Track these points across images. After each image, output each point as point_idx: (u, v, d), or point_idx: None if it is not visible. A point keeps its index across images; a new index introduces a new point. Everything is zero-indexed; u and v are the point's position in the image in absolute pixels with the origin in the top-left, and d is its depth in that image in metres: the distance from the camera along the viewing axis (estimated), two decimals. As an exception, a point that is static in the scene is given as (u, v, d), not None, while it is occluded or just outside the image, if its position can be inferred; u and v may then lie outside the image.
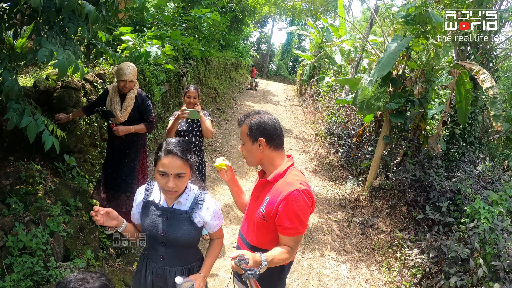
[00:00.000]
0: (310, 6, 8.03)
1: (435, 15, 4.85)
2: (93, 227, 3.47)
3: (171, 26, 7.80)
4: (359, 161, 6.90)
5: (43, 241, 2.81)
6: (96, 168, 4.36)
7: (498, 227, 3.90)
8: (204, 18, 8.25)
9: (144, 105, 3.64)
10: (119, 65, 3.52)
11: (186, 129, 3.93)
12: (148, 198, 1.93)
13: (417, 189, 5.22)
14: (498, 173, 6.74)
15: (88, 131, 4.17)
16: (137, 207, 1.97)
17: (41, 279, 2.65)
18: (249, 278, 1.51)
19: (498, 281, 3.50)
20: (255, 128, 1.86)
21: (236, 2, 13.83)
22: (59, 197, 3.32)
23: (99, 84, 4.37)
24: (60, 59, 2.34)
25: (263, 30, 32.89)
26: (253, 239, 1.95)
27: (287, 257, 1.80)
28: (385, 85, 5.49)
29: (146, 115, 3.68)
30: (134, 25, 6.72)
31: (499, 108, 4.80)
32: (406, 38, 5.06)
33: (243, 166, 7.26)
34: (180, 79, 8.35)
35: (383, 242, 4.92)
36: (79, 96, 3.89)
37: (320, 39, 15.73)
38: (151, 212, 1.90)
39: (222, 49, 15.70)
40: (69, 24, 2.62)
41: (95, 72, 4.46)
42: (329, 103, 11.55)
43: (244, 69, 23.16)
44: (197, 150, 4.02)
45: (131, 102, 3.55)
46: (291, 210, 1.73)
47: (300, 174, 1.89)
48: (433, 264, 4.01)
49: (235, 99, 14.56)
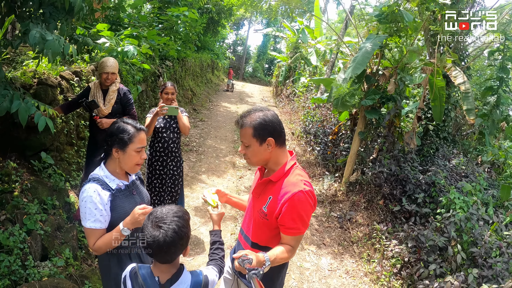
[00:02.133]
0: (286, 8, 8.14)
1: (406, 14, 5.03)
2: (70, 226, 3.41)
3: (147, 26, 7.73)
4: (336, 158, 7.03)
5: (20, 240, 2.75)
6: (73, 167, 4.28)
7: (473, 216, 4.06)
8: (181, 18, 8.22)
9: (126, 98, 3.66)
10: (101, 59, 3.53)
11: (164, 126, 3.93)
12: (112, 190, 1.87)
13: (393, 182, 5.37)
14: (471, 167, 7.01)
15: (64, 129, 4.09)
16: (105, 207, 1.82)
17: (19, 279, 2.59)
18: (252, 278, 1.51)
19: (477, 267, 3.64)
20: (261, 128, 1.76)
21: (213, 4, 13.84)
22: (36, 196, 3.25)
23: (76, 81, 4.30)
24: (50, 39, 2.32)
25: (239, 32, 32.96)
26: (254, 236, 1.94)
27: (288, 256, 1.80)
28: (359, 82, 5.64)
29: (128, 108, 3.69)
30: (110, 25, 6.63)
31: (471, 102, 5.01)
32: (380, 37, 5.22)
33: (220, 165, 7.28)
34: (156, 80, 8.28)
35: (362, 234, 5.04)
36: (55, 93, 3.81)
37: (295, 39, 15.93)
38: (122, 198, 1.90)
39: (198, 50, 15.64)
40: (50, 20, 2.59)
41: (71, 69, 4.38)
42: (305, 103, 11.71)
43: (220, 71, 23.15)
44: (175, 147, 4.02)
45: (113, 95, 3.55)
46: (295, 211, 1.73)
47: (304, 173, 1.87)
48: (411, 254, 4.14)
49: (211, 100, 14.53)
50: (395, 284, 4.08)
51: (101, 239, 1.81)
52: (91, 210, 1.76)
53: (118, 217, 1.85)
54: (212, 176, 6.56)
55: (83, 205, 1.77)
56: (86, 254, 3.42)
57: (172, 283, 1.53)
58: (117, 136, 1.85)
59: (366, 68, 5.44)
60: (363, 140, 6.20)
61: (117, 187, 1.89)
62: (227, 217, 5.13)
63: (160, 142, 3.95)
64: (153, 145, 4.03)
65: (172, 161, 4.05)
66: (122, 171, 1.94)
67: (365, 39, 5.53)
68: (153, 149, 4.03)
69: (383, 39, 5.27)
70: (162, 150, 3.98)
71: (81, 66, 4.69)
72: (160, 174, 4.05)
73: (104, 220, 1.81)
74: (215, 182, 6.34)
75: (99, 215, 1.78)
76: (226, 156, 7.96)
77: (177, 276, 1.55)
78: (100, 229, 1.80)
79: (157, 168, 4.04)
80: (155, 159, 4.03)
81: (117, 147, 1.85)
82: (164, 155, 4.00)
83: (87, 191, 1.78)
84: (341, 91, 5.40)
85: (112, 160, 1.90)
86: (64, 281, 2.68)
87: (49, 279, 2.64)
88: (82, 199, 1.77)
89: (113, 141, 1.86)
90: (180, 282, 1.53)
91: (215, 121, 11.16)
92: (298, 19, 14.31)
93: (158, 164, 4.03)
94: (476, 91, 9.47)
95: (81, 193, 1.80)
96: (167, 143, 3.94)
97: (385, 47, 5.65)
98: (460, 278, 3.45)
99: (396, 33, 5.31)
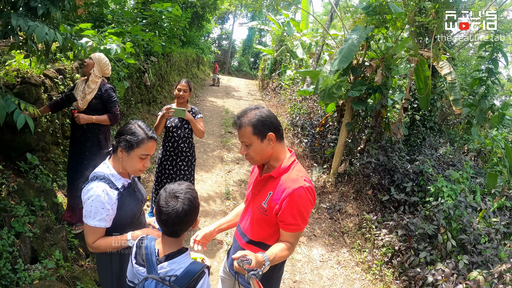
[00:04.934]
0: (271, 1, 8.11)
1: (394, 6, 5.07)
2: (59, 227, 3.35)
3: (131, 22, 7.62)
4: (323, 149, 7.08)
5: (9, 243, 2.69)
6: (59, 167, 4.21)
7: (462, 203, 4.15)
8: (165, 13, 8.13)
9: (108, 95, 3.51)
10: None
11: (175, 125, 3.91)
12: (120, 188, 1.89)
13: (381, 172, 5.44)
14: (458, 156, 7.14)
15: (49, 129, 4.01)
16: (113, 206, 1.84)
17: (10, 283, 2.55)
18: (251, 278, 1.51)
19: (466, 254, 3.72)
20: (260, 125, 1.77)
21: (197, -2, 13.67)
22: (23, 198, 3.20)
23: (60, 80, 4.21)
24: (32, 24, 2.29)
25: (224, 26, 32.70)
26: (252, 233, 1.93)
27: (287, 254, 1.81)
28: (345, 74, 5.66)
29: (110, 106, 3.53)
30: (94, 21, 6.51)
31: (458, 92, 5.08)
32: (366, 29, 5.25)
33: (208, 160, 7.27)
34: (141, 76, 8.18)
35: (352, 225, 5.10)
36: (39, 92, 3.73)
37: (280, 32, 15.88)
38: (127, 196, 1.93)
39: (183, 45, 15.46)
40: (35, 4, 2.51)
41: (55, 68, 4.29)
42: (291, 96, 11.71)
43: (206, 66, 22.96)
44: (186, 146, 4.00)
45: (90, 90, 3.43)
46: (295, 207, 1.73)
47: (303, 170, 1.87)
48: (402, 242, 4.21)
49: (197, 95, 14.43)
50: (386, 272, 4.15)
51: (103, 240, 1.84)
52: (98, 209, 1.78)
53: (124, 214, 1.89)
54: (200, 171, 6.54)
55: (89, 203, 1.77)
56: (76, 255, 3.38)
57: (168, 259, 1.55)
58: (125, 137, 1.86)
59: (352, 60, 5.47)
60: (351, 131, 6.24)
61: (122, 186, 1.91)
62: (212, 214, 5.13)
63: (170, 141, 3.94)
64: (164, 144, 4.01)
65: (182, 161, 4.03)
66: (125, 170, 1.94)
67: (351, 31, 5.56)
68: (164, 148, 4.01)
69: (370, 31, 5.30)
70: (172, 150, 3.96)
71: (65, 63, 4.60)
72: (170, 174, 4.03)
73: (110, 219, 1.84)
74: (204, 177, 6.32)
75: (106, 215, 1.80)
76: (214, 151, 7.94)
77: (175, 255, 1.57)
78: (103, 228, 1.83)
79: (167, 168, 4.02)
80: (165, 158, 4.01)
81: (122, 148, 1.86)
82: (174, 155, 3.98)
83: (94, 189, 1.78)
84: (328, 82, 5.41)
85: (117, 158, 1.91)
86: (56, 283, 2.65)
87: (40, 282, 2.60)
88: (89, 197, 1.77)
89: (120, 140, 1.86)
90: (175, 261, 1.55)
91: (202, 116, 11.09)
92: (284, 12, 14.26)
93: (168, 163, 4.01)
94: (461, 81, 9.62)
95: (86, 191, 1.80)
96: (177, 142, 3.92)
97: (371, 38, 5.69)
98: (451, 265, 3.52)
99: (383, 24, 5.33)
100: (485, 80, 6.88)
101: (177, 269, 1.53)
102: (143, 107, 8.44)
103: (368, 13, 5.28)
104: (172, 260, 1.55)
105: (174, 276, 1.51)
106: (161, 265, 1.53)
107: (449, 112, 8.81)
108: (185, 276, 1.51)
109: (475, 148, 7.80)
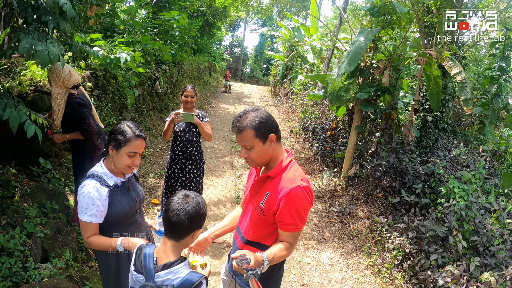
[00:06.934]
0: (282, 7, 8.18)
1: (399, 5, 5.06)
2: (70, 229, 3.44)
3: (142, 31, 7.79)
4: (334, 153, 7.05)
5: (21, 242, 2.78)
6: (71, 172, 4.31)
7: (474, 204, 4.05)
8: (173, 22, 8.29)
9: (73, 112, 3.25)
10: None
11: (183, 129, 3.99)
12: (110, 186, 1.99)
13: (392, 175, 5.38)
14: (472, 157, 6.99)
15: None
16: (103, 203, 1.93)
17: (20, 280, 2.62)
18: (250, 278, 1.51)
19: (479, 256, 3.62)
20: (262, 127, 1.75)
21: (207, 6, 13.88)
22: (35, 200, 3.29)
23: (71, 87, 4.32)
24: (40, 50, 2.41)
25: (236, 33, 33.13)
26: (250, 234, 1.93)
27: (286, 254, 1.81)
28: (353, 76, 5.66)
29: (79, 124, 3.28)
30: (105, 31, 6.68)
31: (468, 92, 5.02)
32: (373, 31, 5.24)
33: (218, 165, 7.32)
34: (153, 84, 8.32)
35: (362, 228, 5.05)
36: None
37: (289, 37, 15.95)
38: (119, 194, 2.02)
39: (195, 53, 15.68)
40: (46, 18, 2.64)
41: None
42: (302, 101, 11.72)
43: (218, 73, 23.19)
44: (194, 150, 4.07)
45: (57, 109, 3.22)
46: (293, 207, 1.73)
47: (300, 170, 1.87)
48: (412, 245, 4.13)
49: (209, 102, 14.58)
50: (396, 276, 4.10)
51: (96, 238, 1.96)
52: (88, 205, 1.89)
53: (115, 211, 1.99)
54: (211, 177, 6.59)
55: (81, 199, 1.89)
56: (86, 256, 3.45)
57: (165, 268, 1.55)
58: (114, 136, 1.97)
59: (360, 62, 5.46)
60: (361, 134, 6.21)
61: (115, 184, 2.01)
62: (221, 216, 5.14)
63: (179, 145, 4.01)
64: (172, 148, 4.08)
65: (191, 164, 4.10)
66: (116, 167, 2.02)
67: (358, 33, 5.56)
68: (173, 153, 4.08)
69: (376, 33, 5.29)
70: (181, 154, 4.03)
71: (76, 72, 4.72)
72: (179, 177, 4.10)
73: (100, 215, 1.95)
74: (214, 182, 6.37)
75: (96, 211, 1.91)
76: (225, 156, 7.99)
77: (172, 264, 1.57)
78: (95, 223, 1.94)
79: (176, 171, 4.09)
80: (174, 162, 4.08)
81: (112, 146, 1.97)
82: (183, 159, 4.05)
83: (86, 187, 1.91)
84: (336, 85, 5.42)
85: (109, 158, 2.02)
86: (64, 282, 2.72)
87: (49, 280, 2.67)
88: (81, 194, 1.90)
89: (111, 139, 1.98)
90: (171, 271, 1.54)
91: (213, 122, 11.18)
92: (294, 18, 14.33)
93: (177, 167, 4.08)
94: (474, 80, 9.45)
95: (80, 188, 1.93)
96: (185, 146, 3.99)
97: (379, 40, 5.67)
98: (462, 267, 3.44)
99: (389, 25, 5.33)
100: (497, 78, 6.75)
101: (173, 279, 1.53)
102: (154, 114, 8.57)
103: (373, 14, 5.29)
104: (169, 270, 1.54)
105: (171, 286, 1.52)
106: (158, 274, 1.54)
107: (462, 112, 8.66)
108: (181, 286, 1.52)
109: (490, 149, 7.63)
